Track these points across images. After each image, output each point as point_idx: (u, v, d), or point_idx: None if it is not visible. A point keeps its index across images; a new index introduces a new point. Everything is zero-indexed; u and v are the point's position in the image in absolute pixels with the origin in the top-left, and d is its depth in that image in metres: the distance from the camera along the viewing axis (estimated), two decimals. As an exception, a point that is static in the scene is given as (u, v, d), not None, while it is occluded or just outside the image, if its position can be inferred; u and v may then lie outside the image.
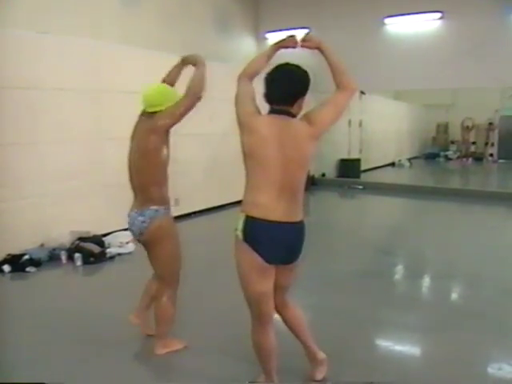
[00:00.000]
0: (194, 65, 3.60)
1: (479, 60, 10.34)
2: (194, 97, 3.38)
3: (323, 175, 13.11)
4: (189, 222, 8.24)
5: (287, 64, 2.77)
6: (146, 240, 3.52)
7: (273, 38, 13.02)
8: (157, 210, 3.44)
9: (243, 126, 2.74)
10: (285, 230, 2.69)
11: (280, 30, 12.77)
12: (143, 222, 3.43)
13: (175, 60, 3.75)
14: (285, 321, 3.12)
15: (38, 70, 6.06)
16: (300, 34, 2.89)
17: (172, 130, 3.52)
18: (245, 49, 12.86)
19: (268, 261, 2.72)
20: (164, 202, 3.51)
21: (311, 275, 5.11)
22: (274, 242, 2.70)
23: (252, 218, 2.68)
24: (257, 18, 13.11)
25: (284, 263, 2.82)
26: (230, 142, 2.91)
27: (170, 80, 3.78)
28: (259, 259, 2.71)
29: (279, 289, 2.95)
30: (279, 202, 2.65)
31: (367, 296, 4.97)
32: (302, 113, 2.78)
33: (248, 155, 2.73)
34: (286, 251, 2.77)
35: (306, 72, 2.79)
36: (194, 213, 8.75)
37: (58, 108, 6.28)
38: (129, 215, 3.55)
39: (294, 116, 2.75)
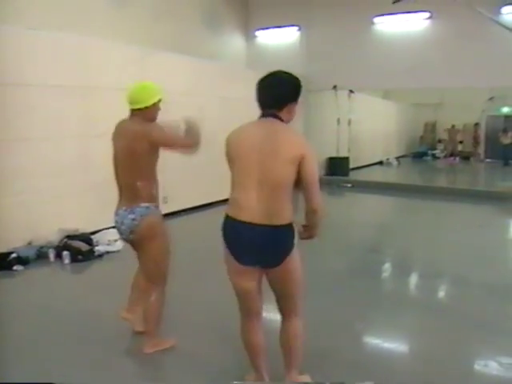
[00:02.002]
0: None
1: (467, 60, 10.43)
2: (190, 150, 3.49)
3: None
4: (177, 220, 8.19)
5: (278, 71, 2.81)
6: (137, 238, 3.49)
7: (263, 35, 13.01)
8: (147, 207, 3.43)
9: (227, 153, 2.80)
10: (257, 232, 2.63)
11: (270, 28, 12.79)
12: (133, 219, 3.41)
13: (165, 57, 3.69)
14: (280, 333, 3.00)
15: (27, 67, 6.00)
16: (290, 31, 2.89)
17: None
18: (234, 47, 12.85)
19: (240, 262, 2.72)
20: (153, 199, 3.50)
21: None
22: (243, 243, 2.70)
23: (227, 217, 2.74)
24: (247, 16, 13.09)
25: (262, 267, 2.75)
26: (218, 139, 2.89)
27: None
28: (232, 259, 2.75)
29: (275, 295, 2.90)
30: (258, 203, 2.61)
31: (355, 295, 4.98)
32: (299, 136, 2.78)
33: (229, 159, 2.78)
34: (257, 254, 2.69)
35: (296, 78, 2.81)
36: (183, 211, 8.72)
37: (47, 105, 6.23)
38: (117, 214, 3.51)
39: (282, 120, 2.74)
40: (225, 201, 2.84)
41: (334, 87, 12.37)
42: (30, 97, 6.03)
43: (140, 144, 3.34)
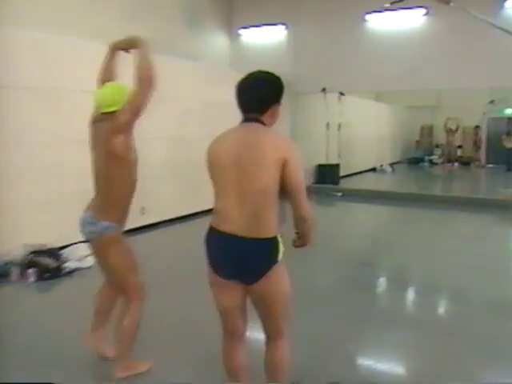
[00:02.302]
0: (128, 50, 3.54)
1: (466, 59, 10.43)
2: (147, 83, 3.28)
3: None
4: (157, 233, 8.18)
5: (258, 71, 2.81)
6: (93, 250, 3.60)
7: (247, 34, 13.00)
8: (108, 227, 3.39)
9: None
10: (238, 244, 2.62)
11: (255, 26, 12.77)
12: (92, 232, 3.42)
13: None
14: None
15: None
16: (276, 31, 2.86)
17: (138, 134, 3.45)
18: (217, 46, 12.83)
19: (220, 275, 2.73)
20: (121, 219, 3.49)
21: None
22: (223, 255, 2.70)
23: (210, 228, 2.75)
24: (230, 13, 13.07)
25: (242, 281, 2.72)
26: (200, 145, 2.85)
27: (108, 76, 3.62)
28: (214, 273, 2.76)
29: (259, 315, 2.86)
30: (242, 213, 2.60)
31: (346, 311, 4.95)
32: (283, 139, 2.74)
33: (210, 169, 2.78)
34: (236, 267, 2.67)
35: (278, 78, 2.80)
36: (163, 222, 8.65)
37: (13, 108, 6.12)
38: (84, 213, 3.50)
39: (265, 124, 2.73)
40: (208, 211, 2.81)
41: (324, 90, 12.36)
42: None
43: (115, 143, 3.27)
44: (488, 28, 9.11)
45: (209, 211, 2.80)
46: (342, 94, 13.71)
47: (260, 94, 2.72)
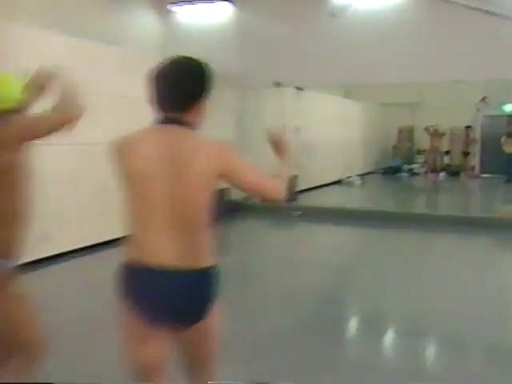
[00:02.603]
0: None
1: (456, 47, 10.59)
2: (65, 123, 3.31)
3: (248, 198, 12.95)
4: (64, 265, 8.08)
5: (180, 57, 2.75)
6: None
7: (182, 12, 12.92)
8: None
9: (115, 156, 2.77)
10: (172, 278, 2.59)
11: (192, 2, 12.68)
12: None
13: (41, 37, 3.51)
14: None
15: None
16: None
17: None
18: (143, 26, 12.77)
19: (148, 321, 2.63)
20: (8, 254, 3.34)
21: (228, 335, 4.94)
22: (152, 294, 2.62)
23: (128, 263, 2.66)
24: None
25: (179, 325, 2.70)
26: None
27: None
28: (135, 319, 2.66)
29: (190, 364, 2.87)
30: (171, 241, 2.57)
31: (306, 361, 4.89)
32: (217, 139, 2.73)
33: (124, 184, 2.70)
34: (173, 309, 2.64)
35: (205, 66, 2.75)
36: (72, 252, 8.48)
37: None
38: None
39: (189, 126, 2.69)
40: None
41: (278, 84, 12.37)
42: None
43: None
44: (482, 12, 9.25)
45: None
46: (300, 89, 13.76)
47: (183, 88, 2.67)
